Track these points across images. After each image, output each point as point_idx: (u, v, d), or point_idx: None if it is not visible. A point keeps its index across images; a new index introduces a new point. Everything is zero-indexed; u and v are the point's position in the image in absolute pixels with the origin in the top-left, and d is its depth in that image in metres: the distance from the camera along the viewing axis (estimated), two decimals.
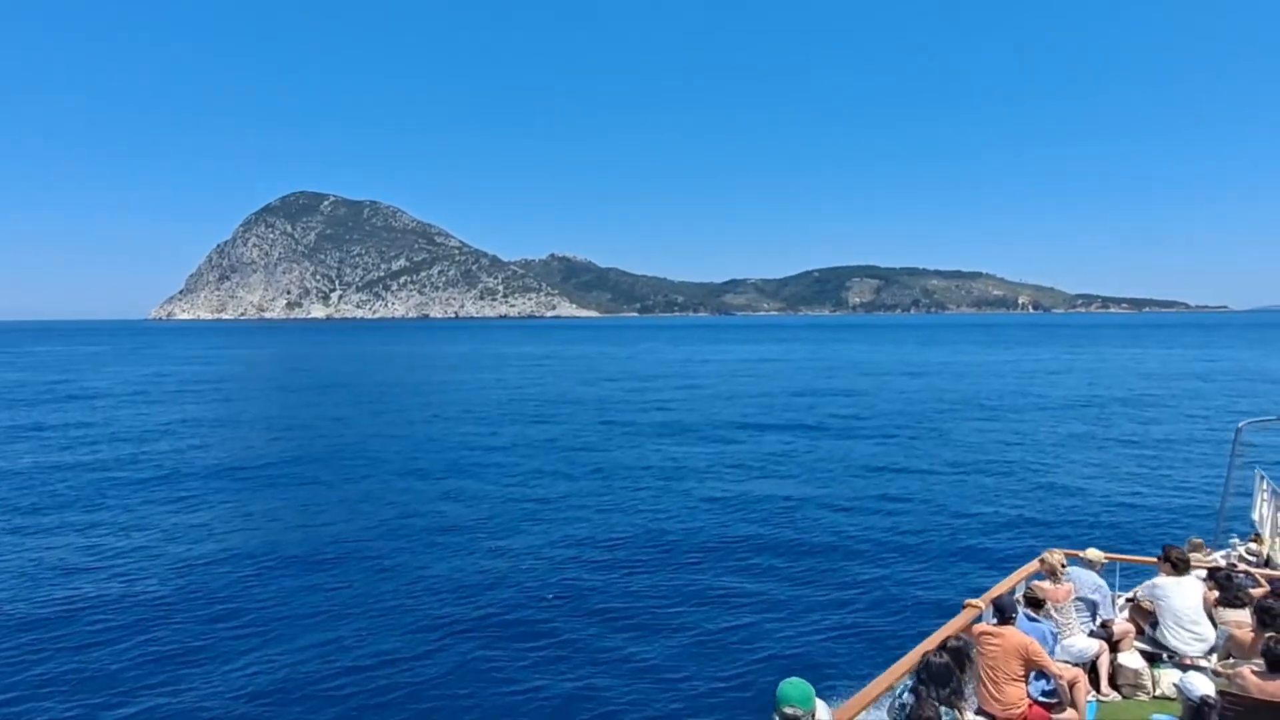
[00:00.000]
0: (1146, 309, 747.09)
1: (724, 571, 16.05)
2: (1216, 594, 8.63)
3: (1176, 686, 6.54)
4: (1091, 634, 8.42)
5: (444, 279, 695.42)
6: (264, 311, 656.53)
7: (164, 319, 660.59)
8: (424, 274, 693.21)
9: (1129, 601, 9.39)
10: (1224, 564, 10.23)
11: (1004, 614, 7.27)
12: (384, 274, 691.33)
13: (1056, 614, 8.21)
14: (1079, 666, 7.74)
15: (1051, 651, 7.48)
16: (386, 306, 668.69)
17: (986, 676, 6.84)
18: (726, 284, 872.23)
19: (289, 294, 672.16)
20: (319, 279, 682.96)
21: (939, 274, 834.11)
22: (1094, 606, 8.65)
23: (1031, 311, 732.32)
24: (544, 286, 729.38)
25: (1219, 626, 8.34)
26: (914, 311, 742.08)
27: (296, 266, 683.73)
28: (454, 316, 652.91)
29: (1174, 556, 8.75)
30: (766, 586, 15.13)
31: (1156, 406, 44.06)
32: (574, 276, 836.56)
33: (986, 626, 7.26)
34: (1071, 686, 7.18)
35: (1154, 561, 9.21)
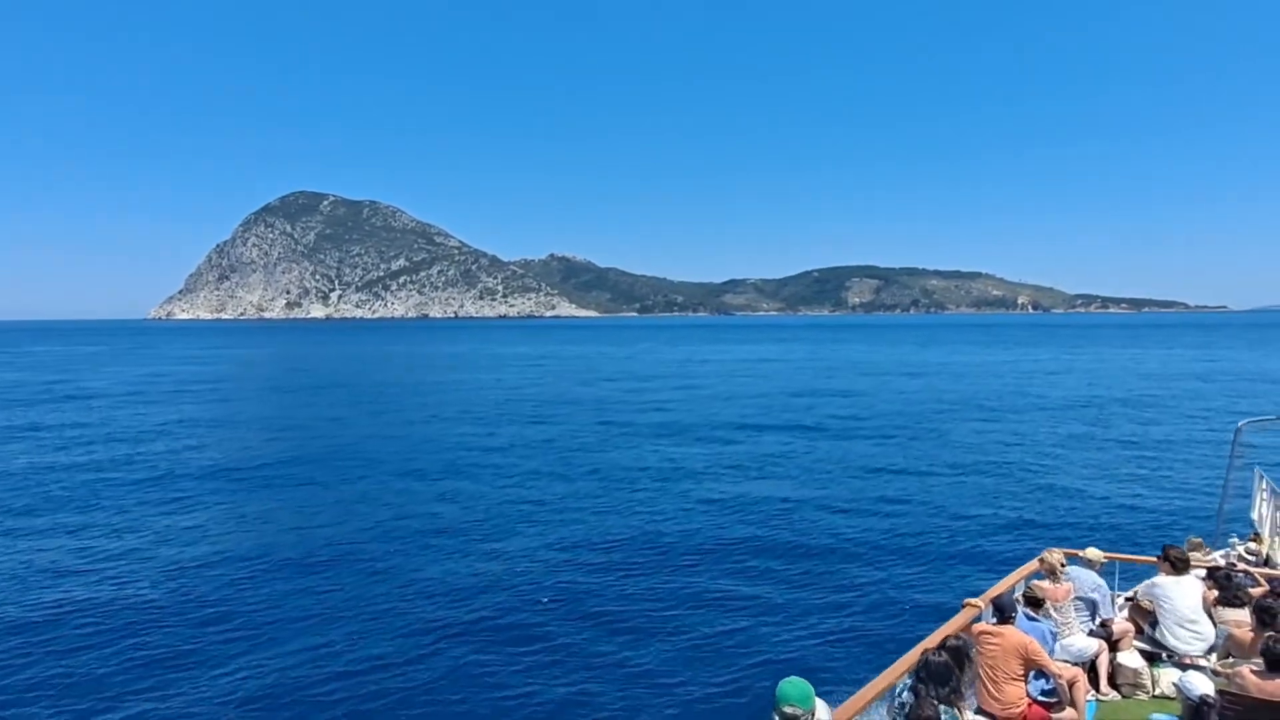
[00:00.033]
0: (1146, 309, 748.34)
1: (720, 574, 15.89)
2: (1216, 593, 8.64)
3: (1176, 686, 6.55)
4: (1091, 633, 8.41)
5: (443, 279, 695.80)
6: (263, 311, 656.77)
7: (163, 319, 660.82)
8: (423, 274, 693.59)
9: (1128, 601, 9.39)
10: (1223, 563, 10.19)
11: (1003, 613, 7.28)
12: (383, 274, 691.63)
13: (1056, 613, 8.20)
14: (1078, 666, 7.73)
15: (1051, 651, 7.47)
16: (386, 306, 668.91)
17: (986, 676, 6.83)
18: (726, 284, 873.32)
19: (288, 294, 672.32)
20: (318, 279, 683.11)
21: (938, 274, 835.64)
22: (1093, 606, 8.66)
23: (1031, 311, 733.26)
24: (543, 286, 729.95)
25: (1218, 626, 8.34)
26: (913, 311, 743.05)
27: (296, 266, 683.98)
28: (453, 316, 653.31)
29: (1173, 556, 8.76)
30: (763, 589, 14.97)
31: (1156, 407, 43.99)
32: (573, 276, 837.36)
33: (986, 626, 7.26)
34: (1071, 686, 7.17)
35: (1153, 561, 9.21)
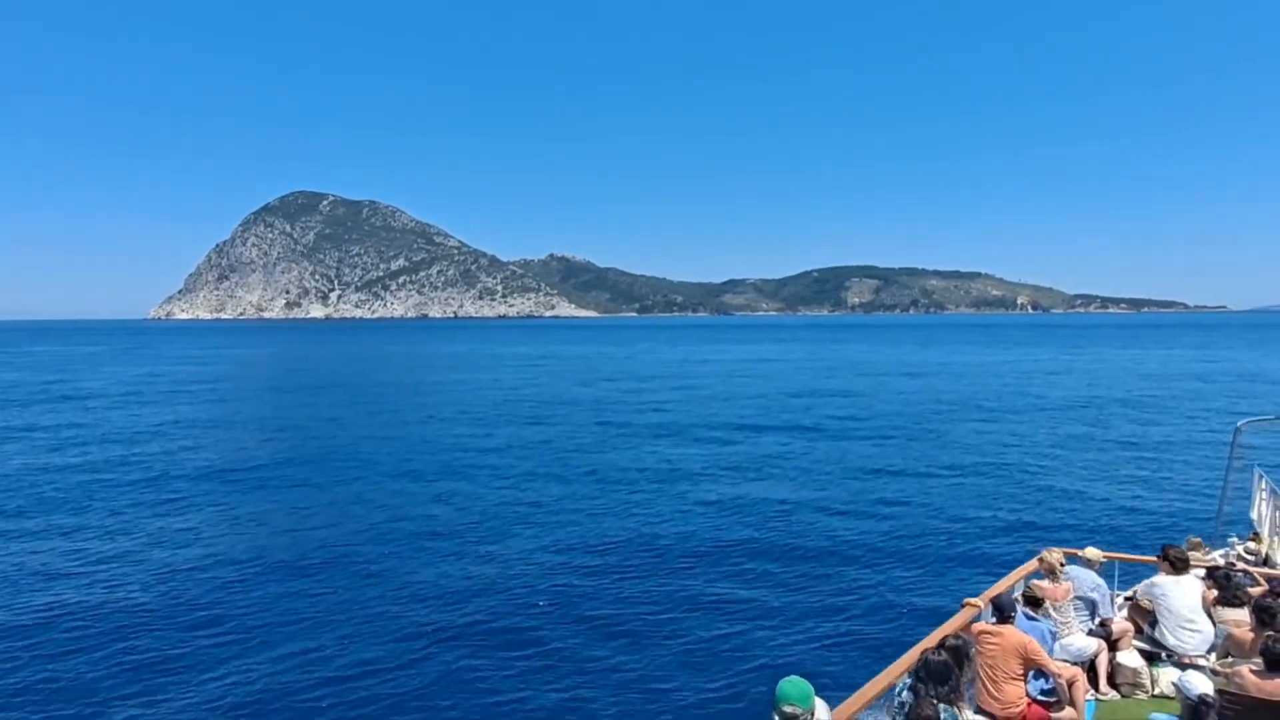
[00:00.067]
0: (1145, 309, 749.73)
1: (717, 577, 15.77)
2: (1215, 593, 8.62)
3: (1175, 685, 6.54)
4: (1090, 633, 8.38)
5: (443, 279, 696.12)
6: (263, 311, 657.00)
7: (163, 319, 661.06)
8: (423, 274, 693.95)
9: (1128, 600, 9.37)
10: (1223, 563, 10.14)
11: (1003, 613, 7.27)
12: (383, 274, 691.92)
13: (1055, 613, 8.18)
14: (1078, 665, 7.71)
15: (1050, 650, 7.44)
16: (385, 306, 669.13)
17: (985, 675, 6.81)
18: (725, 284, 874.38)
19: (288, 294, 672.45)
20: (318, 279, 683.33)
21: (938, 274, 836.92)
22: (1093, 605, 8.63)
23: (1030, 312, 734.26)
24: (543, 286, 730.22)
25: (1218, 625, 8.32)
26: (913, 312, 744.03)
27: (295, 266, 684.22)
28: (453, 316, 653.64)
29: (1173, 555, 8.75)
30: (760, 592, 14.85)
31: (1155, 407, 43.95)
32: (573, 276, 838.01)
33: (985, 625, 7.24)
34: (1070, 685, 7.15)
35: (1153, 560, 9.18)
